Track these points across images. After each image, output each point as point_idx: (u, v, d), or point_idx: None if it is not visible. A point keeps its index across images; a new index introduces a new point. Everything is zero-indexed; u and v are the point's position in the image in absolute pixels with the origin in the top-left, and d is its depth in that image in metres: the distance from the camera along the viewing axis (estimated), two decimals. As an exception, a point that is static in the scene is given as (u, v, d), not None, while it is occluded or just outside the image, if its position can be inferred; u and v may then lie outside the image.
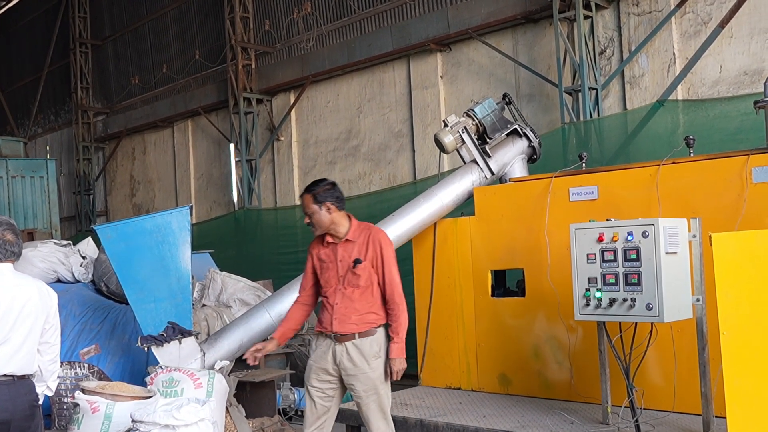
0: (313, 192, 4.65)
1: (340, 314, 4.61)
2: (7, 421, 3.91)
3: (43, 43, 20.81)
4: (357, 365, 4.59)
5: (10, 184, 15.14)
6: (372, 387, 4.62)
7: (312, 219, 4.66)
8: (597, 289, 4.98)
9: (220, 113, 15.24)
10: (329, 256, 4.71)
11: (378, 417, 4.66)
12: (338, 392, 4.74)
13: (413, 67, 11.78)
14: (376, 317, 4.66)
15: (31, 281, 4.20)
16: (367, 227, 4.77)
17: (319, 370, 4.68)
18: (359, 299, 4.63)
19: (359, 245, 4.66)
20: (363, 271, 4.61)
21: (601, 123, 9.12)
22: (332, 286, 4.69)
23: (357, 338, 4.60)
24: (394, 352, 4.63)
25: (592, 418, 5.35)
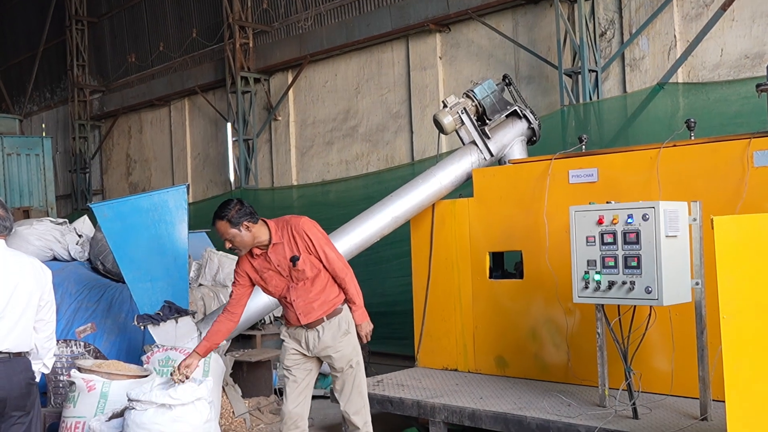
0: (226, 217, 4.56)
1: (303, 308, 4.68)
2: (3, 398, 3.90)
3: (38, 20, 20.63)
4: (329, 345, 4.70)
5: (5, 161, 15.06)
6: (347, 362, 4.75)
7: (234, 243, 4.61)
8: (596, 271, 4.97)
9: (218, 92, 15.14)
10: (264, 266, 4.70)
11: (353, 392, 4.80)
12: (315, 365, 4.84)
13: (412, 47, 11.70)
14: (336, 297, 4.74)
15: (25, 258, 4.18)
16: (284, 223, 4.71)
17: (294, 351, 4.78)
18: (314, 288, 4.67)
19: (287, 243, 4.64)
20: (304, 264, 4.62)
21: (600, 105, 9.07)
22: (283, 288, 4.71)
23: (326, 320, 4.70)
24: (357, 318, 4.78)
25: (589, 401, 5.36)
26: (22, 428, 4.04)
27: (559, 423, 4.97)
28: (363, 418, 4.82)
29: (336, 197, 11.76)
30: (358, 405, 4.81)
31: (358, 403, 4.82)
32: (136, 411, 4.68)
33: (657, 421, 4.87)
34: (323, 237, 4.73)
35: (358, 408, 4.81)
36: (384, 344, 9.61)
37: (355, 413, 4.80)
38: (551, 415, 5.11)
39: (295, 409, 4.74)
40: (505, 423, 5.24)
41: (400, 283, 8.88)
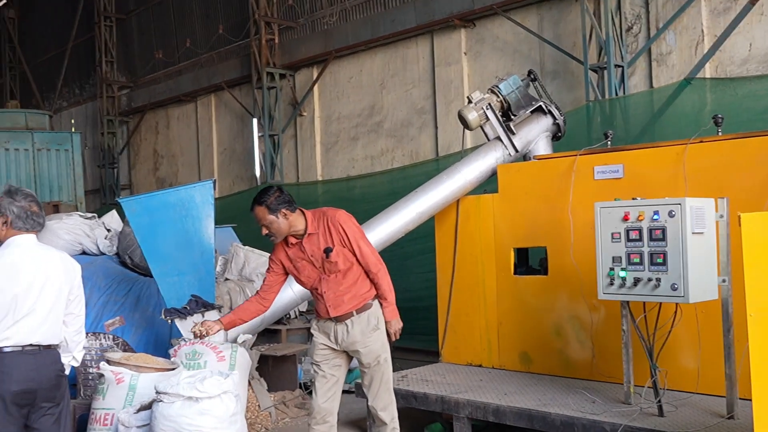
0: (265, 203, 4.59)
1: (333, 300, 4.68)
2: (34, 390, 3.97)
3: (68, 17, 20.86)
4: (358, 340, 4.70)
5: (35, 156, 15.26)
6: (375, 358, 4.75)
7: (270, 229, 4.64)
8: (621, 268, 4.95)
9: (243, 88, 15.23)
10: (298, 255, 4.73)
11: (381, 388, 4.80)
12: (345, 361, 4.85)
13: (437, 43, 11.68)
14: (367, 291, 4.74)
15: (55, 252, 4.25)
16: (321, 213, 4.74)
17: (323, 346, 4.79)
18: (345, 281, 4.67)
19: (322, 234, 4.66)
20: (337, 256, 4.63)
21: (626, 101, 9.00)
22: (315, 279, 4.73)
23: (355, 315, 4.70)
24: (387, 315, 4.77)
25: (614, 398, 5.34)
26: (51, 419, 4.11)
27: (583, 420, 4.96)
28: (390, 413, 4.84)
29: (361, 193, 11.80)
30: (386, 401, 4.83)
31: (386, 399, 4.83)
32: (163, 403, 4.75)
33: (683, 419, 4.84)
34: (358, 231, 4.74)
35: (386, 404, 4.83)
36: (408, 339, 9.58)
37: (383, 409, 4.81)
38: (576, 411, 5.10)
39: (324, 404, 4.76)
40: (529, 419, 5.24)
41: (425, 279, 8.89)
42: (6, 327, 3.91)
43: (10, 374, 3.90)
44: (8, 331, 3.91)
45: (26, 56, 23.64)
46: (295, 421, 6.77)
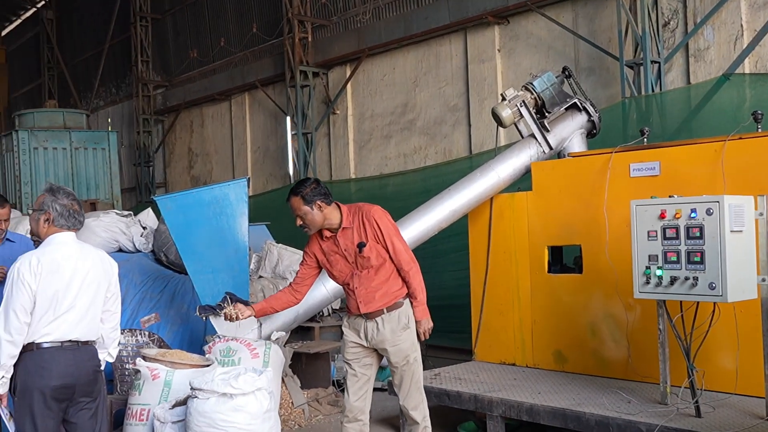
0: (301, 194, 4.60)
1: (364, 296, 4.67)
2: (72, 385, 4.03)
3: (104, 17, 21.16)
4: (388, 338, 4.68)
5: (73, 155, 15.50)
6: (404, 358, 4.72)
7: (305, 220, 4.64)
8: (658, 266, 4.89)
9: (277, 86, 15.31)
10: (332, 249, 4.73)
11: (412, 387, 4.77)
12: (375, 359, 4.84)
13: (470, 40, 11.63)
14: (399, 289, 4.72)
15: (93, 250, 4.31)
16: (357, 208, 4.73)
17: (353, 344, 4.79)
18: (377, 277, 4.66)
19: (356, 228, 4.66)
20: (370, 251, 4.62)
21: (663, 97, 8.88)
22: (347, 274, 4.72)
23: (386, 312, 4.68)
24: (417, 314, 4.73)
25: (650, 398, 5.28)
26: (89, 413, 4.17)
27: (619, 420, 4.91)
28: (422, 412, 4.82)
29: (394, 190, 11.78)
30: (417, 400, 4.81)
31: (417, 398, 4.81)
32: (198, 399, 4.79)
33: (721, 420, 4.77)
34: (393, 227, 4.73)
35: (417, 403, 4.81)
36: (441, 338, 9.56)
37: (414, 408, 4.79)
38: (611, 411, 5.05)
39: (356, 403, 4.76)
40: (563, 419, 5.20)
41: (458, 277, 8.86)
42: (46, 323, 3.97)
43: (50, 369, 3.96)
44: (48, 327, 3.98)
45: (64, 56, 24.02)
46: (328, 419, 6.79)
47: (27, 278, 3.93)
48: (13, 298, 3.92)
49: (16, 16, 27.85)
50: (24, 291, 3.92)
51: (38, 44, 25.45)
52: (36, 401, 3.95)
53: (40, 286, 3.95)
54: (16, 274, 3.95)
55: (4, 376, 3.94)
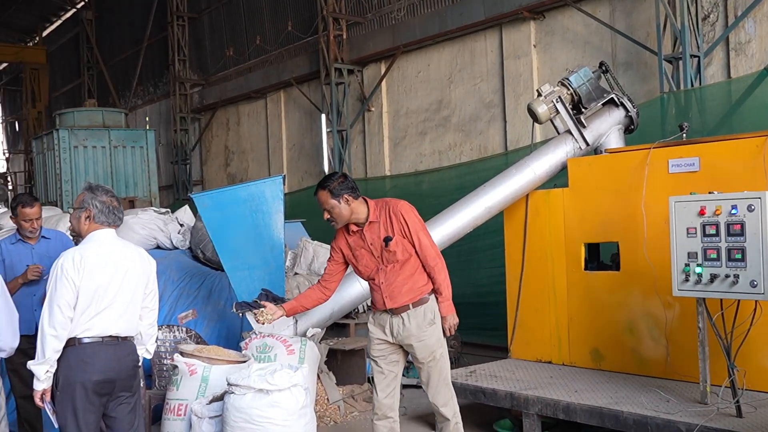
0: (328, 188, 4.62)
1: (390, 291, 4.67)
2: (113, 379, 4.10)
3: (142, 17, 21.41)
4: (414, 333, 4.67)
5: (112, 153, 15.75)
6: (430, 353, 4.71)
7: (332, 214, 4.66)
8: (697, 264, 4.82)
9: (312, 84, 15.37)
10: (358, 243, 4.74)
11: (440, 384, 4.76)
12: (401, 356, 4.85)
13: (506, 36, 11.55)
14: (424, 285, 4.71)
15: (132, 247, 4.37)
16: (384, 203, 4.73)
17: (379, 341, 4.80)
18: (403, 272, 4.66)
19: (383, 223, 4.66)
20: (396, 246, 4.63)
21: (703, 92, 8.73)
22: (373, 269, 4.73)
23: (411, 308, 4.67)
24: (443, 310, 4.72)
25: (689, 398, 5.20)
26: (128, 408, 4.24)
27: (657, 419, 4.84)
28: (452, 408, 4.81)
29: (429, 187, 11.77)
30: (446, 396, 4.80)
31: (446, 395, 4.79)
32: (235, 395, 4.83)
33: (762, 420, 4.68)
34: (419, 222, 4.73)
35: (446, 399, 4.80)
36: (476, 335, 9.58)
37: (444, 405, 4.78)
38: (649, 410, 4.99)
39: (385, 400, 4.78)
40: (600, 417, 5.15)
41: (493, 274, 8.83)
42: (87, 319, 4.04)
43: (92, 364, 4.03)
44: (90, 323, 4.04)
45: (103, 56, 24.37)
46: (363, 415, 6.80)
47: (71, 273, 4.00)
48: (57, 293, 3.99)
49: (56, 17, 28.34)
50: (68, 286, 3.99)
51: (78, 44, 25.87)
52: (78, 395, 4.02)
53: (83, 281, 4.01)
54: (59, 270, 4.03)
55: (48, 371, 4.01)
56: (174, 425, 5.45)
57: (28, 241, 5.67)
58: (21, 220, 5.59)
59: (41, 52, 26.24)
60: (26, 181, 24.42)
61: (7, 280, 5.42)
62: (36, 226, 5.64)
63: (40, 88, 26.11)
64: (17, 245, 5.66)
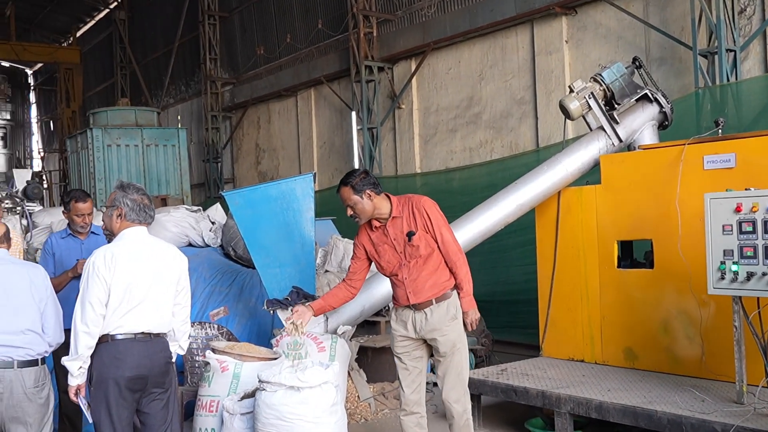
0: (350, 184, 4.68)
1: (413, 287, 4.72)
2: (145, 376, 4.13)
3: (174, 17, 21.61)
4: (436, 328, 4.72)
5: (144, 152, 15.88)
6: (451, 348, 4.75)
7: (355, 210, 4.72)
8: (733, 262, 4.75)
9: (342, 82, 15.39)
10: (381, 239, 4.79)
11: (456, 379, 4.80)
12: (425, 352, 4.89)
13: (537, 31, 11.47)
14: (447, 280, 4.76)
15: (164, 245, 4.41)
16: (407, 199, 4.79)
17: (402, 338, 4.85)
18: (426, 267, 4.71)
19: (406, 218, 4.71)
20: (419, 240, 4.67)
21: (739, 87, 8.59)
22: (396, 265, 4.77)
23: (435, 303, 4.72)
24: (464, 305, 4.77)
25: (724, 397, 5.12)
26: (161, 404, 4.28)
27: (692, 419, 4.77)
28: (463, 405, 4.84)
29: (459, 185, 11.72)
30: (459, 392, 4.82)
31: (459, 391, 4.82)
32: (266, 392, 4.84)
33: (800, 420, 4.60)
34: (442, 218, 4.77)
35: (459, 395, 4.82)
36: (508, 333, 9.53)
37: (456, 401, 4.81)
38: (684, 410, 4.91)
39: (411, 396, 4.84)
40: (634, 417, 5.09)
41: (525, 272, 8.76)
42: (120, 316, 4.08)
43: (125, 360, 4.07)
44: (122, 319, 4.09)
45: (136, 56, 24.64)
46: (394, 413, 6.79)
47: (102, 271, 4.05)
48: (89, 290, 4.04)
49: (90, 18, 28.71)
50: (99, 284, 4.04)
51: (111, 44, 26.19)
52: (111, 391, 4.06)
53: (114, 278, 4.06)
54: (91, 268, 4.08)
55: (81, 367, 4.07)
56: (206, 421, 5.49)
57: (78, 236, 5.80)
58: (73, 214, 5.73)
59: (75, 53, 26.58)
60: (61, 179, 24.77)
61: (56, 273, 5.55)
62: (87, 222, 5.77)
63: (74, 88, 26.46)
64: (67, 240, 5.80)
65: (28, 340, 4.19)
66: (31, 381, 4.18)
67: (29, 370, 4.18)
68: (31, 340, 4.20)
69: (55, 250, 5.74)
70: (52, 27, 30.45)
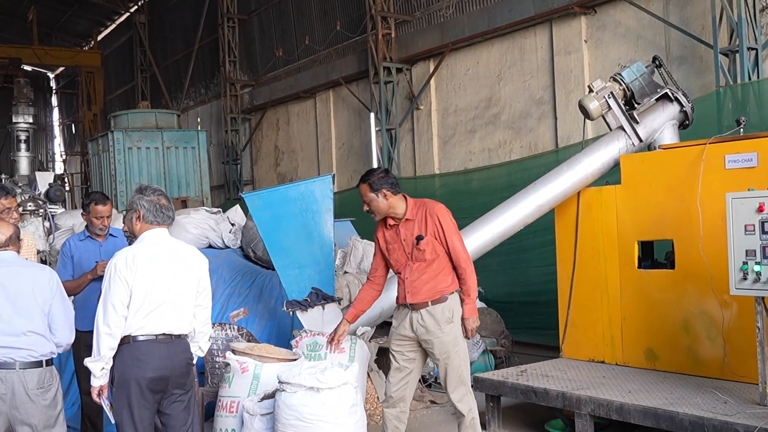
0: (368, 181, 4.93)
1: (412, 287, 4.92)
2: (166, 377, 4.16)
3: (193, 20, 21.73)
4: (430, 330, 4.90)
5: (165, 154, 15.99)
6: (445, 351, 4.91)
7: (371, 206, 4.96)
8: (756, 262, 4.71)
9: (361, 83, 15.41)
10: (393, 238, 5.01)
11: (455, 381, 4.96)
12: (419, 354, 5.07)
13: (556, 31, 11.42)
14: (446, 285, 4.92)
15: (184, 246, 4.43)
16: (422, 203, 4.98)
17: (399, 336, 5.05)
18: (428, 271, 4.89)
19: (418, 222, 4.91)
20: (426, 245, 4.86)
21: (761, 85, 8.50)
22: (402, 263, 4.98)
23: (430, 305, 4.89)
24: (466, 312, 4.94)
25: (747, 399, 5.07)
26: (181, 405, 4.30)
27: (714, 421, 4.73)
28: (467, 405, 4.99)
29: (478, 185, 11.69)
30: (461, 393, 4.97)
31: (461, 391, 4.97)
32: (286, 393, 4.86)
33: (825, 422, 4.55)
34: (453, 226, 4.94)
35: (461, 396, 4.97)
36: (527, 334, 9.49)
37: (459, 401, 4.97)
38: (706, 412, 4.87)
39: (395, 393, 5.05)
40: (655, 418, 5.05)
41: (544, 273, 8.73)
42: (141, 317, 4.11)
43: (146, 361, 4.10)
44: (144, 321, 4.12)
45: (156, 59, 24.80)
46: (413, 414, 6.78)
47: (123, 273, 4.08)
48: (111, 292, 4.08)
49: (110, 22, 28.93)
50: (121, 285, 4.07)
51: (131, 48, 26.38)
52: (133, 392, 4.09)
53: (136, 280, 4.09)
54: (113, 270, 4.11)
55: (104, 368, 4.10)
56: (226, 422, 5.51)
57: (96, 239, 5.83)
58: (93, 216, 5.77)
59: (96, 56, 26.80)
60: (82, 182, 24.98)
61: (75, 276, 5.59)
62: (106, 224, 5.82)
63: (95, 91, 26.68)
64: (86, 242, 5.84)
65: (30, 341, 4.16)
66: (34, 382, 4.15)
67: (32, 371, 4.15)
68: (33, 342, 4.17)
69: (73, 253, 5.78)
70: (73, 31, 30.71)
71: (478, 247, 6.61)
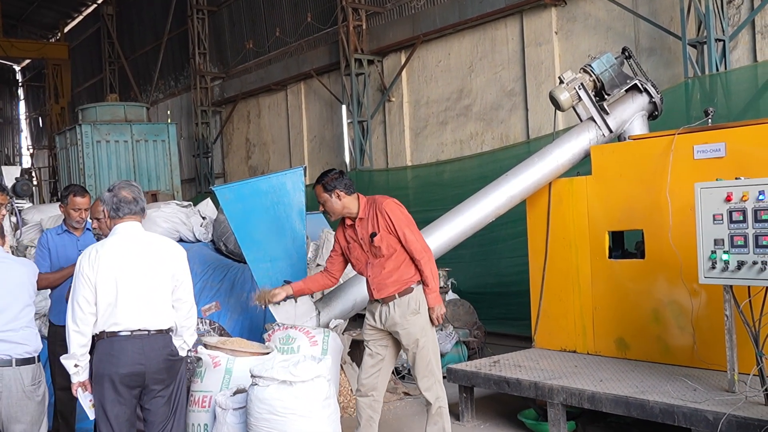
0: (322, 182, 5.06)
1: (377, 283, 5.04)
2: (142, 372, 4.10)
3: (162, 11, 21.51)
4: (397, 322, 5.00)
5: (134, 147, 15.82)
6: (413, 341, 5.01)
7: (326, 207, 5.10)
8: (724, 251, 4.76)
9: (332, 75, 15.36)
10: (352, 236, 5.13)
11: (423, 370, 5.05)
12: (391, 343, 5.17)
13: (526, 23, 11.46)
14: (410, 276, 5.01)
15: (158, 239, 4.40)
16: (372, 201, 5.08)
17: (370, 327, 5.17)
18: (388, 265, 4.99)
19: (370, 219, 5.02)
20: (381, 241, 4.95)
21: (728, 76, 8.60)
22: (363, 262, 5.12)
23: (397, 297, 5.00)
24: (430, 301, 5.02)
25: (716, 386, 5.14)
26: (162, 401, 4.24)
27: (684, 408, 4.79)
28: (434, 393, 5.06)
29: (450, 177, 11.71)
30: (429, 382, 5.06)
31: (429, 380, 5.06)
32: (258, 387, 4.83)
33: (791, 408, 4.62)
34: (404, 218, 5.02)
35: (429, 384, 5.06)
36: (500, 325, 9.54)
37: (427, 389, 5.06)
38: (676, 399, 4.93)
39: (366, 380, 5.14)
40: (626, 407, 5.10)
41: (516, 263, 8.77)
42: (113, 313, 4.07)
43: (119, 357, 4.06)
44: (116, 317, 4.07)
45: (124, 51, 24.52)
46: (386, 405, 6.79)
47: (86, 271, 4.07)
48: (76, 290, 4.07)
49: (77, 13, 28.55)
50: (84, 283, 4.06)
51: (99, 40, 26.06)
52: (106, 388, 4.06)
53: (99, 276, 4.06)
54: (78, 268, 4.11)
55: (76, 365, 4.07)
56: (198, 417, 5.47)
57: (73, 232, 5.76)
58: (70, 209, 5.69)
59: (63, 48, 26.43)
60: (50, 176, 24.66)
61: (52, 269, 5.53)
62: (83, 217, 5.75)
63: (62, 84, 26.31)
64: (63, 236, 5.76)
65: (26, 335, 4.21)
66: (28, 379, 4.18)
67: (27, 368, 4.18)
68: (28, 336, 4.22)
69: (50, 246, 5.71)
70: (40, 23, 30.28)
71: (450, 238, 6.62)
